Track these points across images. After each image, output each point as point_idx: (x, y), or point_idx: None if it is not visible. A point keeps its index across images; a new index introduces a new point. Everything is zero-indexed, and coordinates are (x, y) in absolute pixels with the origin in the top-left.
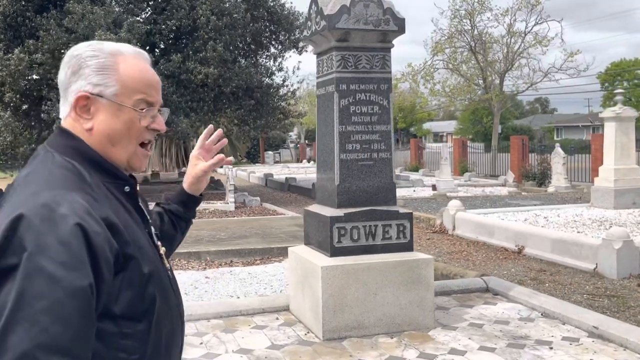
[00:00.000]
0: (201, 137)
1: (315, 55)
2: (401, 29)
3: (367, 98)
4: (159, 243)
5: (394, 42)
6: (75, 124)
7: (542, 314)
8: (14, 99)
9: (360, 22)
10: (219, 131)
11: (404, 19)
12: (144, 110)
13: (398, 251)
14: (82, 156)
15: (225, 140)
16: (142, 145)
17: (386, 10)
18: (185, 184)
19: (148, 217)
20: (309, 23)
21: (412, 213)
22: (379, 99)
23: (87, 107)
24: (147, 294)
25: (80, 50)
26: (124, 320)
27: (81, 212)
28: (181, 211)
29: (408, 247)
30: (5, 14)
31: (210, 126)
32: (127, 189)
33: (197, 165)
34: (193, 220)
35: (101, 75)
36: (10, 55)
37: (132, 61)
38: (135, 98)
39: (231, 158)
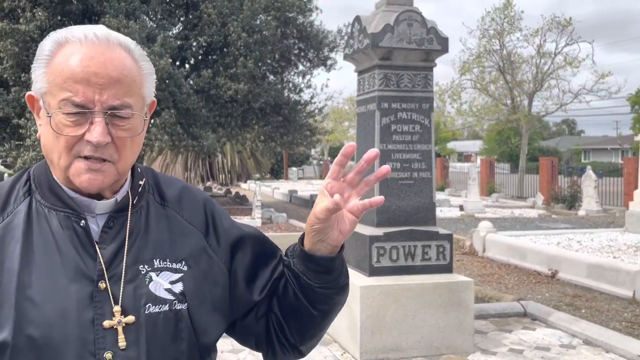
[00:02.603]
0: (336, 161)
1: (356, 73)
2: (444, 48)
3: (409, 117)
4: (116, 307)
5: (436, 61)
6: None
7: (583, 341)
8: None
9: (403, 41)
10: (373, 152)
11: (447, 39)
12: (69, 115)
13: (437, 273)
14: (45, 173)
15: (388, 169)
16: (85, 157)
17: (430, 30)
18: (305, 236)
19: (102, 264)
20: (351, 41)
21: (452, 234)
22: (421, 118)
23: (39, 111)
24: None
25: None
26: None
27: None
28: (297, 271)
29: (447, 268)
30: (42, 28)
31: (352, 144)
32: (82, 223)
33: (318, 205)
34: (336, 294)
35: (37, 70)
36: None
37: (72, 48)
38: (59, 98)
39: (381, 197)
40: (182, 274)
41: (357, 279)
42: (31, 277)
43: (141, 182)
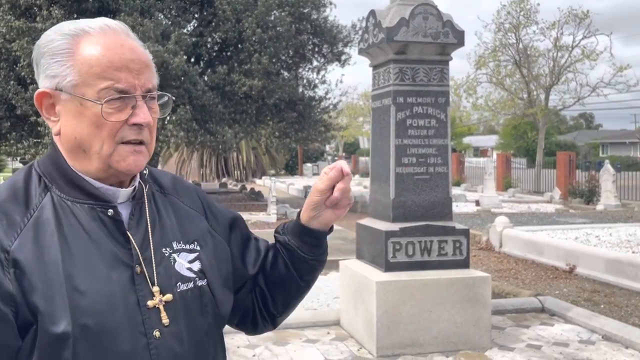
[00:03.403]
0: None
1: (371, 68)
2: (460, 42)
3: (424, 111)
4: (155, 288)
5: (451, 55)
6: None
7: (602, 337)
8: None
9: (419, 35)
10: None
11: (463, 32)
12: (111, 101)
13: (454, 268)
14: (56, 167)
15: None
16: (127, 142)
17: (445, 23)
18: (303, 211)
19: (136, 249)
20: (365, 35)
21: (468, 230)
22: (436, 113)
23: (53, 106)
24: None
25: (41, 38)
26: None
27: None
28: (292, 245)
29: (464, 264)
30: None
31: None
32: (110, 212)
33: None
34: (321, 267)
35: (56, 64)
36: None
37: (96, 39)
38: (99, 87)
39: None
40: (197, 254)
41: (372, 274)
42: (73, 267)
43: (145, 172)
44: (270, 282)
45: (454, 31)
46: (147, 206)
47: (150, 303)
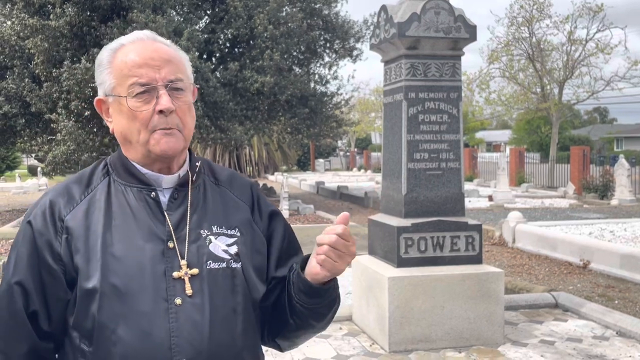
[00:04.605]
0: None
1: (382, 64)
2: (472, 37)
3: (436, 107)
4: (183, 261)
5: (464, 49)
6: None
7: (617, 333)
8: (79, 107)
9: (430, 30)
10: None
11: (475, 27)
12: (138, 95)
13: (466, 264)
14: (118, 157)
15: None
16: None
17: (457, 18)
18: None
19: (170, 227)
20: (377, 31)
21: (481, 225)
22: (449, 108)
23: (107, 110)
24: (89, 312)
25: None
26: (79, 335)
27: (39, 211)
28: (291, 280)
29: (477, 259)
30: (72, 24)
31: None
32: (153, 194)
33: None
34: (316, 320)
35: (102, 74)
36: (77, 65)
37: (128, 48)
38: (127, 84)
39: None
40: (236, 239)
41: (385, 270)
42: (113, 238)
43: (197, 164)
44: (275, 304)
45: (466, 26)
46: (190, 192)
47: (175, 274)
